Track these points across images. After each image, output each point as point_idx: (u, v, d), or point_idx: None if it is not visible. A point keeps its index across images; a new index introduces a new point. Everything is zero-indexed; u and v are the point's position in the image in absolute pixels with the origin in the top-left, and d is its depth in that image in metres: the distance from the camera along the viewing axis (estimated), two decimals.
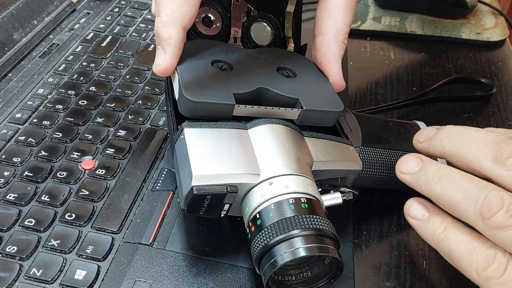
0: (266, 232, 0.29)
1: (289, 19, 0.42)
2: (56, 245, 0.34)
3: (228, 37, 0.40)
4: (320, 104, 0.35)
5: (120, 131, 0.43)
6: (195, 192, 0.29)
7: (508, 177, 0.28)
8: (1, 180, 0.38)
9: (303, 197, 0.30)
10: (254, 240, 0.29)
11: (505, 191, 0.28)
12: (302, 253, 0.28)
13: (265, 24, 0.41)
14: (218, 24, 0.40)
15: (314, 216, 0.29)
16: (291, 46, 0.42)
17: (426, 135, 0.34)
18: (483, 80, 0.56)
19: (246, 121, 0.33)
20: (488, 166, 0.29)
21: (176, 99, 0.33)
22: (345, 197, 0.33)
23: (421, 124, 0.43)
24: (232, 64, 0.35)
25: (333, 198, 0.33)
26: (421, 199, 0.32)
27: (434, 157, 0.33)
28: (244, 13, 0.41)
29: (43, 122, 0.44)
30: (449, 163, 0.33)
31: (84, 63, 0.51)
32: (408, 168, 0.33)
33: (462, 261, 0.29)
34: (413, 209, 0.32)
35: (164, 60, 0.33)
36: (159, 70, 0.33)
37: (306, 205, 0.30)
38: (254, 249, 0.29)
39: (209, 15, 0.40)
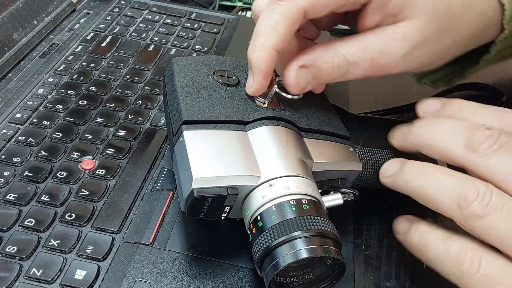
0: (267, 234, 0.29)
1: None
2: (56, 245, 0.34)
3: None
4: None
5: (120, 131, 0.43)
6: (195, 194, 0.29)
7: (481, 163, 0.29)
8: (1, 180, 0.38)
9: (304, 198, 0.30)
10: (255, 242, 0.29)
11: (480, 181, 0.28)
12: (304, 254, 0.28)
13: None
14: None
15: (316, 217, 0.29)
16: None
17: (403, 134, 0.34)
18: (492, 87, 0.54)
19: (245, 123, 0.34)
20: (460, 153, 0.29)
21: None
22: (345, 198, 0.33)
23: None
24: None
25: (333, 199, 0.33)
26: (407, 216, 0.33)
27: (412, 153, 0.34)
28: None
29: (43, 122, 0.44)
30: (424, 157, 0.33)
31: (84, 63, 0.51)
32: (388, 171, 0.34)
33: (439, 264, 0.30)
34: (397, 225, 0.33)
35: (253, 82, 0.34)
36: (250, 92, 0.35)
37: (307, 206, 0.30)
38: (256, 251, 0.29)
39: None
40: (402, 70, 0.35)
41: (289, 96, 0.36)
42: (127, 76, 0.50)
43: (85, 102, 0.46)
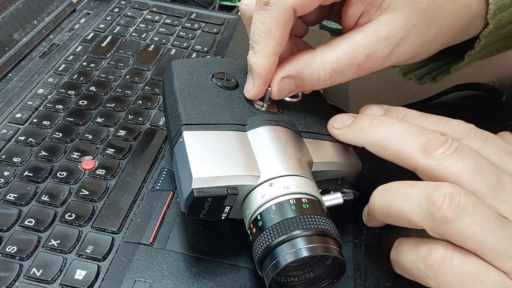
0: (268, 233, 0.29)
1: None
2: (56, 245, 0.34)
3: None
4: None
5: (120, 131, 0.43)
6: (195, 194, 0.29)
7: (436, 166, 0.29)
8: (1, 180, 0.38)
9: (304, 198, 0.30)
10: (256, 242, 0.29)
11: (443, 183, 0.28)
12: (304, 253, 0.28)
13: None
14: None
15: (316, 216, 0.29)
16: None
17: (343, 122, 0.35)
18: (491, 87, 0.53)
19: (244, 123, 0.34)
20: (416, 156, 0.30)
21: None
22: (345, 197, 0.33)
23: None
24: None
25: (333, 199, 0.33)
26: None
27: (352, 145, 0.35)
28: None
29: (43, 122, 0.44)
30: (366, 151, 0.33)
31: (84, 63, 0.51)
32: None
33: (413, 269, 0.29)
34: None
35: (252, 87, 0.35)
36: (249, 97, 0.35)
37: (307, 205, 0.30)
38: (256, 251, 0.29)
39: None
40: (387, 66, 0.35)
41: (287, 99, 0.36)
42: (127, 76, 0.50)
43: (85, 102, 0.46)
